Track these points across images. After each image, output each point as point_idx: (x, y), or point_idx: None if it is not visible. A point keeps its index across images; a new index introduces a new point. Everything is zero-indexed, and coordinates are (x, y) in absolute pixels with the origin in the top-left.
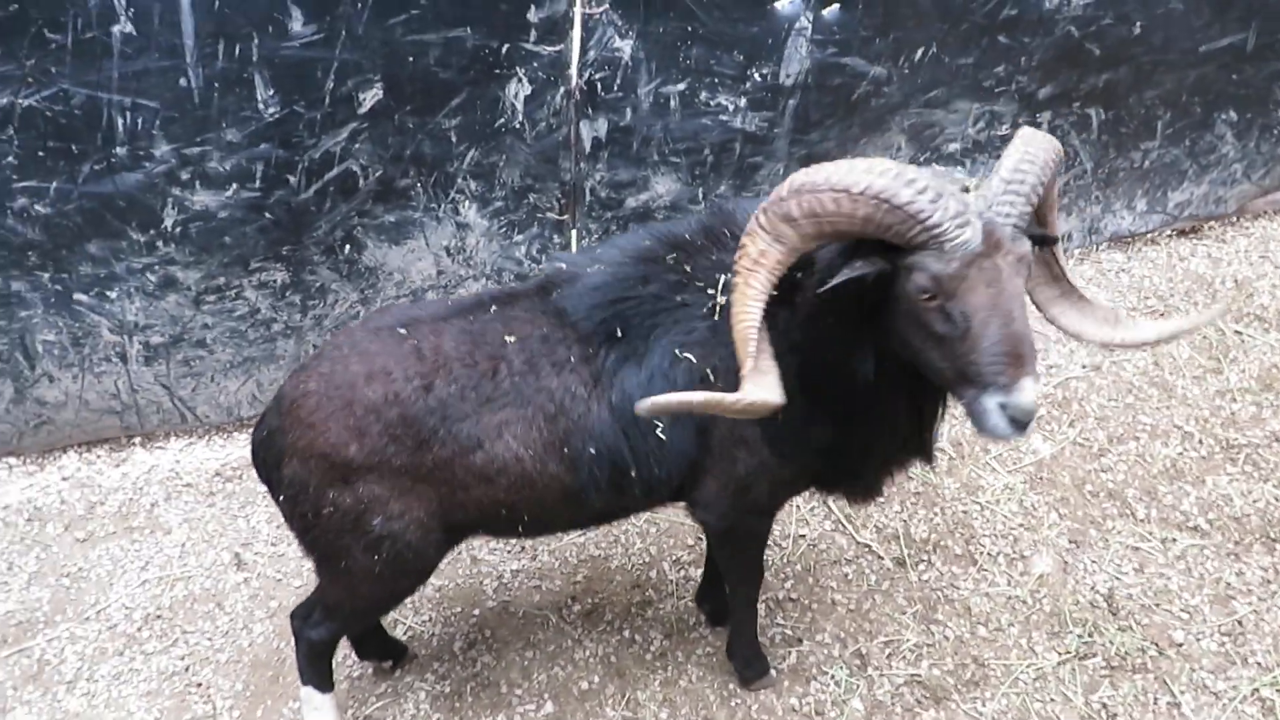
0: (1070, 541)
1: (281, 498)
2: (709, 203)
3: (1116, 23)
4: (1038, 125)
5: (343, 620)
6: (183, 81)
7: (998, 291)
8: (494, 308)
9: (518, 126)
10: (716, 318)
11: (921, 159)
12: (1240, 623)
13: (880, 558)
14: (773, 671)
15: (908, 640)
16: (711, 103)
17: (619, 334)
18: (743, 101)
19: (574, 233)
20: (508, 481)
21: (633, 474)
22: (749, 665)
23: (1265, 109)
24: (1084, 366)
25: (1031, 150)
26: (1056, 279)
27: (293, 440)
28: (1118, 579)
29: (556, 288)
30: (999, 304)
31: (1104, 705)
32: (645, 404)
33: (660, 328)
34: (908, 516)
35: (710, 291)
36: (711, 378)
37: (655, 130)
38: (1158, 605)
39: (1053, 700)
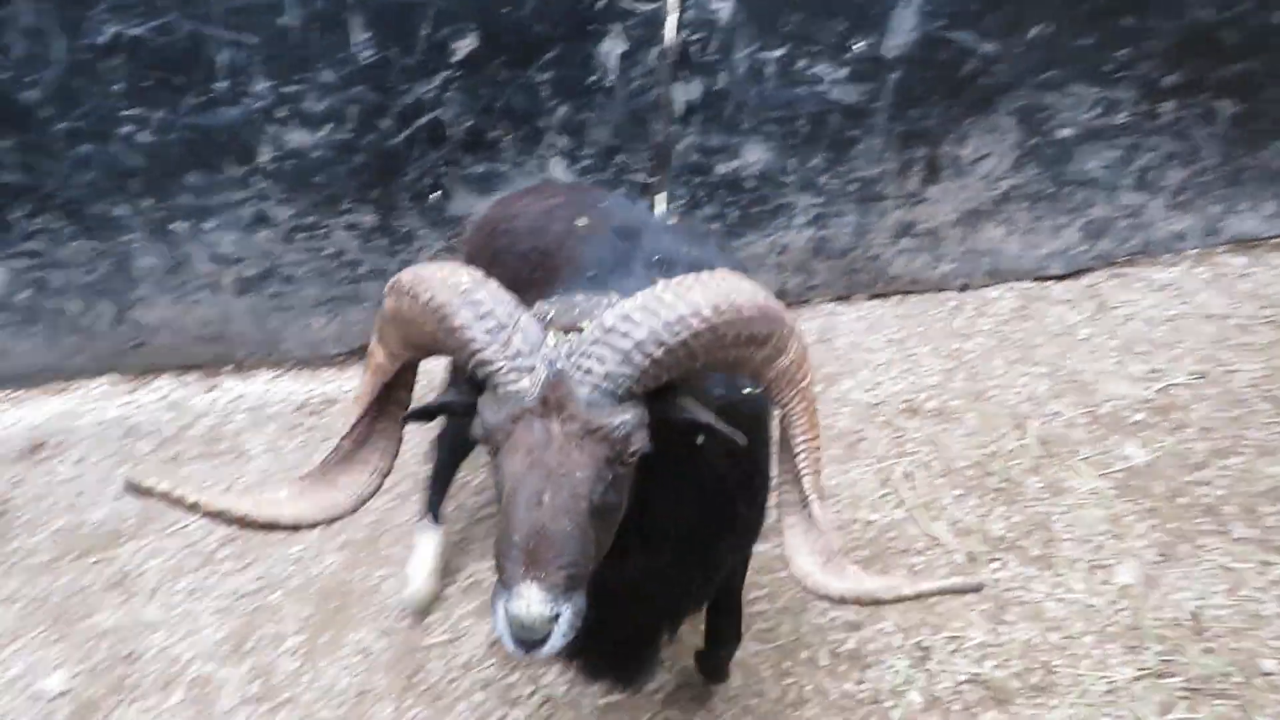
0: (1159, 554)
1: None
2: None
3: (1258, 9)
4: (1157, 116)
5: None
6: (282, 20)
7: (533, 463)
8: (607, 200)
9: (610, 85)
10: None
11: (1030, 143)
12: None
13: (951, 552)
14: None
15: (973, 638)
16: (809, 72)
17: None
18: (842, 72)
19: (660, 197)
20: None
21: None
22: None
23: None
24: (1190, 374)
25: (667, 299)
26: (797, 480)
27: None
28: (1206, 599)
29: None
30: (528, 480)
31: None
32: (132, 480)
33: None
34: (985, 512)
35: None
36: None
37: (750, 97)
38: (1248, 630)
39: (1122, 716)
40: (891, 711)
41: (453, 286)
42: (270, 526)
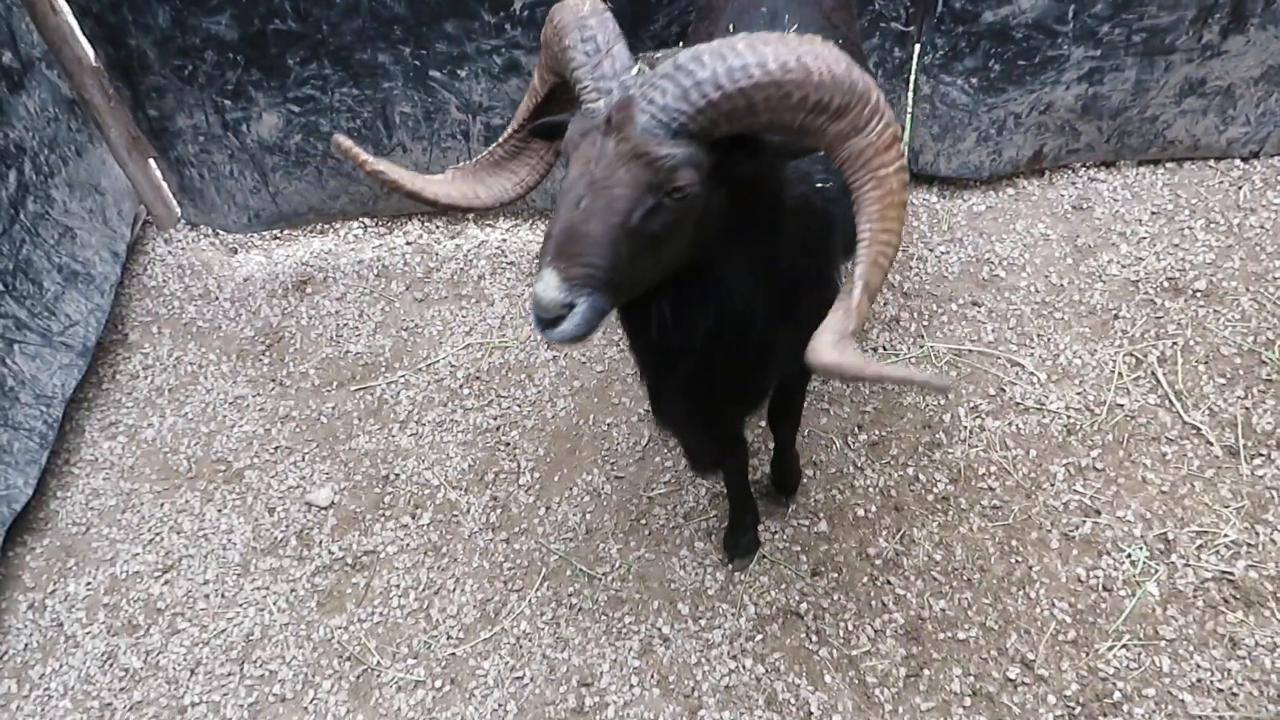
0: None
1: None
2: None
3: None
4: None
5: None
6: None
7: (584, 173)
8: None
9: None
10: None
11: None
12: None
13: (1209, 443)
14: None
15: (1225, 535)
16: None
17: None
18: None
19: (917, 47)
20: None
21: None
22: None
23: None
24: None
25: (739, 48)
26: (852, 267)
27: None
28: None
29: None
30: (576, 186)
31: None
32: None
33: None
34: (1251, 403)
35: None
36: None
37: None
38: None
39: None
40: (1125, 601)
41: (574, 10)
42: (414, 195)
